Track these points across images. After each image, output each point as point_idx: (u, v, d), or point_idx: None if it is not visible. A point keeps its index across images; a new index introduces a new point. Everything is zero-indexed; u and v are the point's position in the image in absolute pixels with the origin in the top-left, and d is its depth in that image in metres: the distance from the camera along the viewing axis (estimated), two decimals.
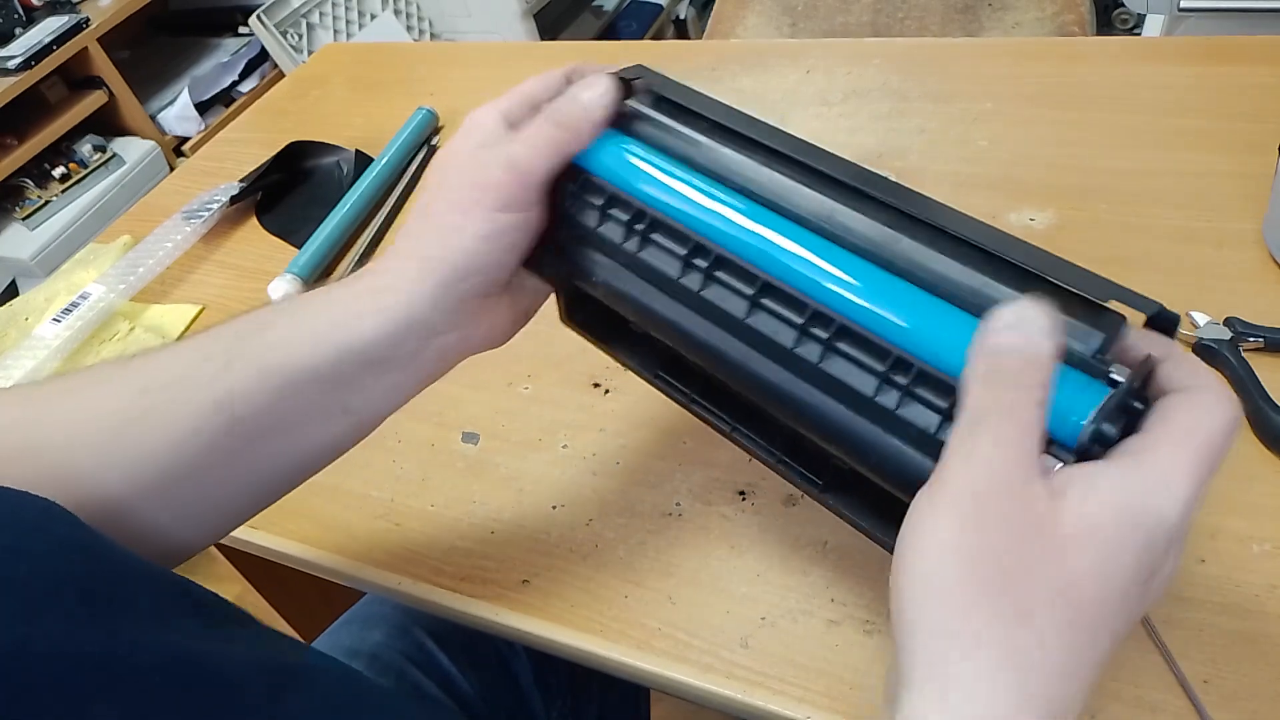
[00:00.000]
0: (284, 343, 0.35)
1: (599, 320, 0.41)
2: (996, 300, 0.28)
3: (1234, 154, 0.60)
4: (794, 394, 0.32)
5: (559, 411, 0.55)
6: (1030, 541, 0.24)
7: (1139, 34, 1.46)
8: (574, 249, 0.37)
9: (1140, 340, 0.28)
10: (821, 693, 0.40)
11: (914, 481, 0.28)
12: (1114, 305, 0.28)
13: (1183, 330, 0.50)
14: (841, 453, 0.32)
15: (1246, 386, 0.46)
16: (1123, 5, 1.61)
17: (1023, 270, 0.29)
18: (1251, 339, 0.48)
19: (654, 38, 2.24)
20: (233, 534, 0.52)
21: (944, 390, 0.28)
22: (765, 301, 0.32)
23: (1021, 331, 0.26)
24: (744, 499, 0.48)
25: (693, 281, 0.34)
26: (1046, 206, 0.60)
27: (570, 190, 0.37)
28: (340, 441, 0.39)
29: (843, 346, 0.30)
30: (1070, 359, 0.27)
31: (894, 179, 0.32)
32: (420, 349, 0.37)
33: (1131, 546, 0.24)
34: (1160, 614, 0.39)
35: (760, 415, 0.36)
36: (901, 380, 0.29)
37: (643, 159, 0.36)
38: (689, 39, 2.33)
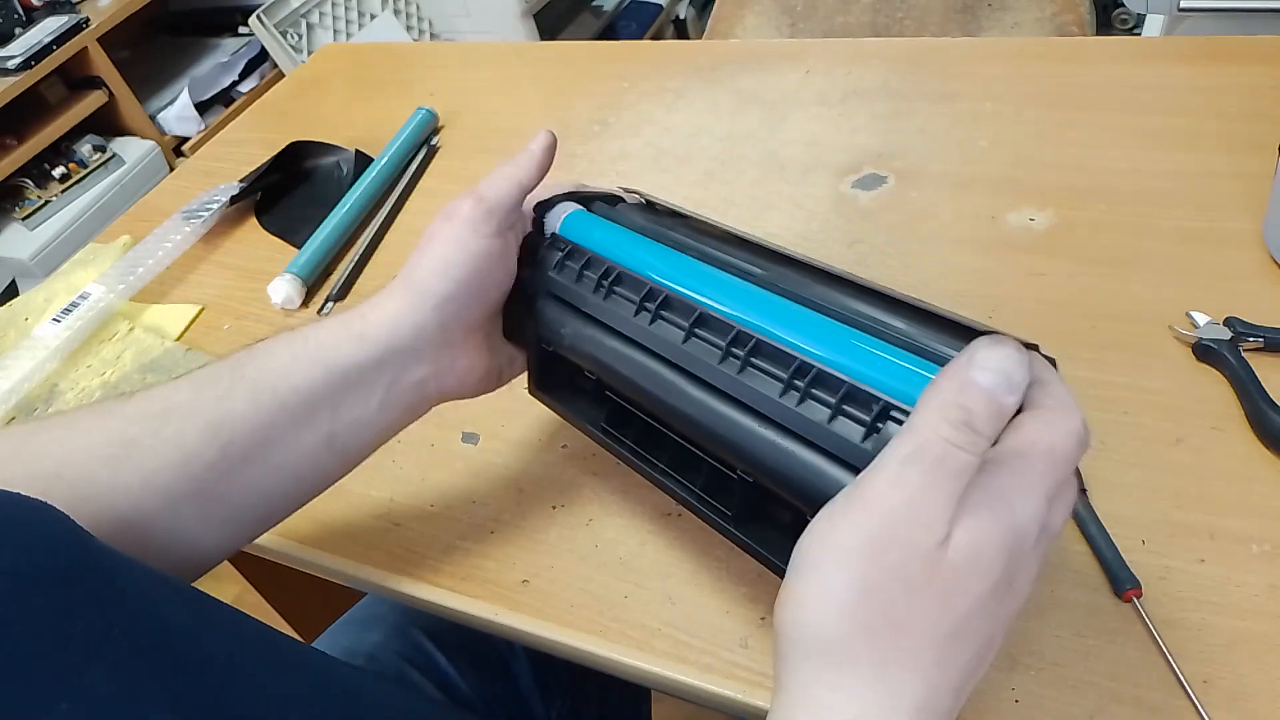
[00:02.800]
0: (276, 368, 0.38)
1: (560, 388, 0.46)
2: (902, 330, 0.32)
3: (1234, 154, 0.60)
4: (719, 413, 0.35)
5: None
6: (921, 585, 0.26)
7: (1139, 34, 1.46)
8: (545, 306, 0.43)
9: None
10: None
11: (821, 496, 0.30)
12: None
13: (1183, 330, 0.50)
14: (762, 470, 0.34)
15: (1246, 386, 0.46)
16: (1123, 5, 1.61)
17: (915, 309, 0.32)
18: (1251, 339, 0.48)
19: (654, 38, 2.24)
20: None
21: (863, 402, 0.30)
22: (699, 330, 0.36)
23: (1003, 380, 0.26)
24: None
25: (643, 320, 0.38)
26: (1046, 206, 0.60)
27: (543, 247, 0.43)
28: (324, 473, 0.41)
29: (758, 361, 0.34)
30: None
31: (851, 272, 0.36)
32: (398, 377, 0.40)
33: (1000, 561, 0.26)
34: (1160, 614, 0.39)
35: (687, 456, 0.40)
36: (828, 397, 0.31)
37: (611, 230, 0.42)
38: (689, 39, 2.33)
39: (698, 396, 0.36)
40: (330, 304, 0.68)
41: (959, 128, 0.68)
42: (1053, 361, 0.31)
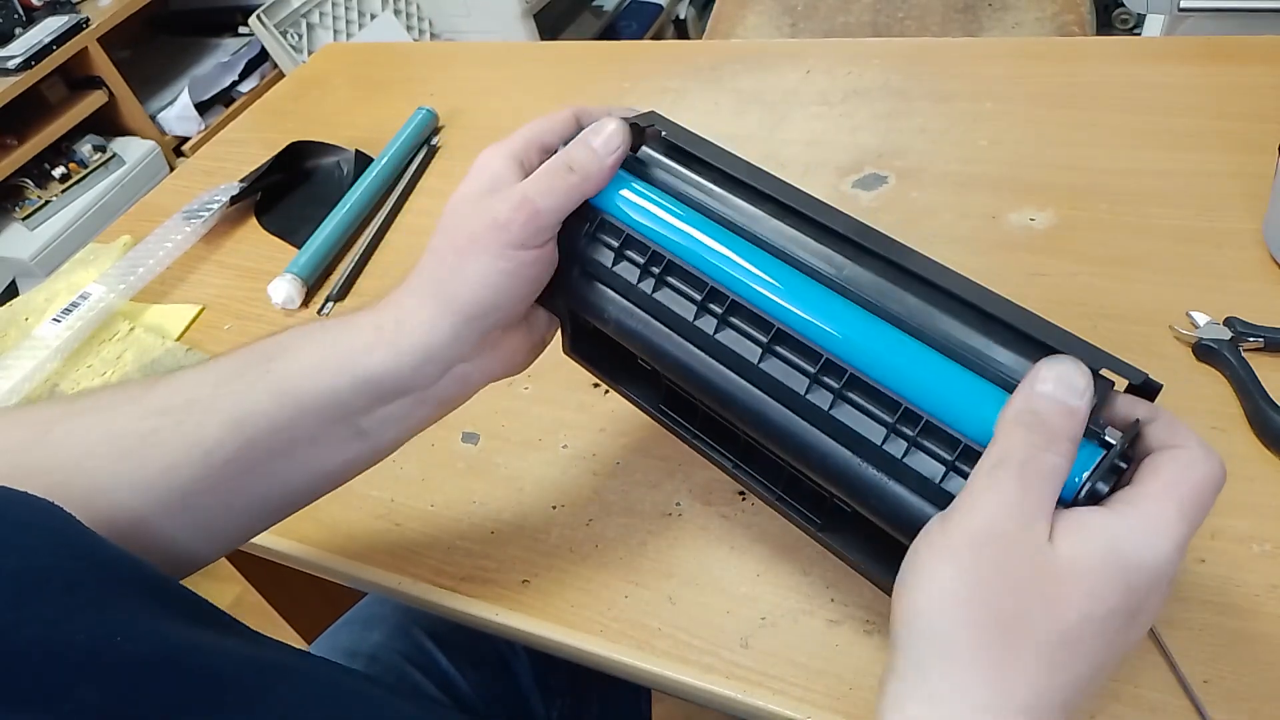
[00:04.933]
0: (303, 369, 0.37)
1: (602, 354, 0.42)
2: (1000, 363, 0.30)
3: (1234, 154, 0.60)
4: (803, 438, 0.33)
5: (559, 411, 0.55)
6: (1025, 582, 0.27)
7: (1139, 34, 1.46)
8: (586, 286, 0.38)
9: (1126, 404, 0.30)
10: (822, 693, 0.40)
11: (915, 525, 0.29)
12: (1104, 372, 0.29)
13: (1183, 330, 0.50)
14: (845, 495, 0.33)
15: (1246, 386, 0.46)
16: (1123, 5, 1.61)
17: (1021, 334, 0.30)
18: (1251, 339, 0.48)
19: (654, 38, 2.24)
20: None
21: (948, 442, 0.30)
22: (778, 349, 0.33)
23: (1065, 386, 0.28)
24: (744, 499, 0.48)
25: (707, 325, 0.35)
26: (1046, 206, 0.60)
27: (586, 230, 0.38)
28: (354, 464, 0.40)
29: (853, 396, 0.31)
30: None
31: (893, 236, 0.34)
32: (438, 380, 0.38)
33: (1115, 588, 0.27)
34: (1160, 614, 0.39)
35: (759, 453, 0.37)
36: (909, 431, 0.30)
37: (658, 204, 0.37)
38: (689, 39, 2.33)
39: (781, 416, 0.33)
40: (330, 304, 0.68)
41: (959, 127, 0.68)
42: (1157, 390, 0.31)
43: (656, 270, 0.36)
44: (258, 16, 1.88)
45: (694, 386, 0.36)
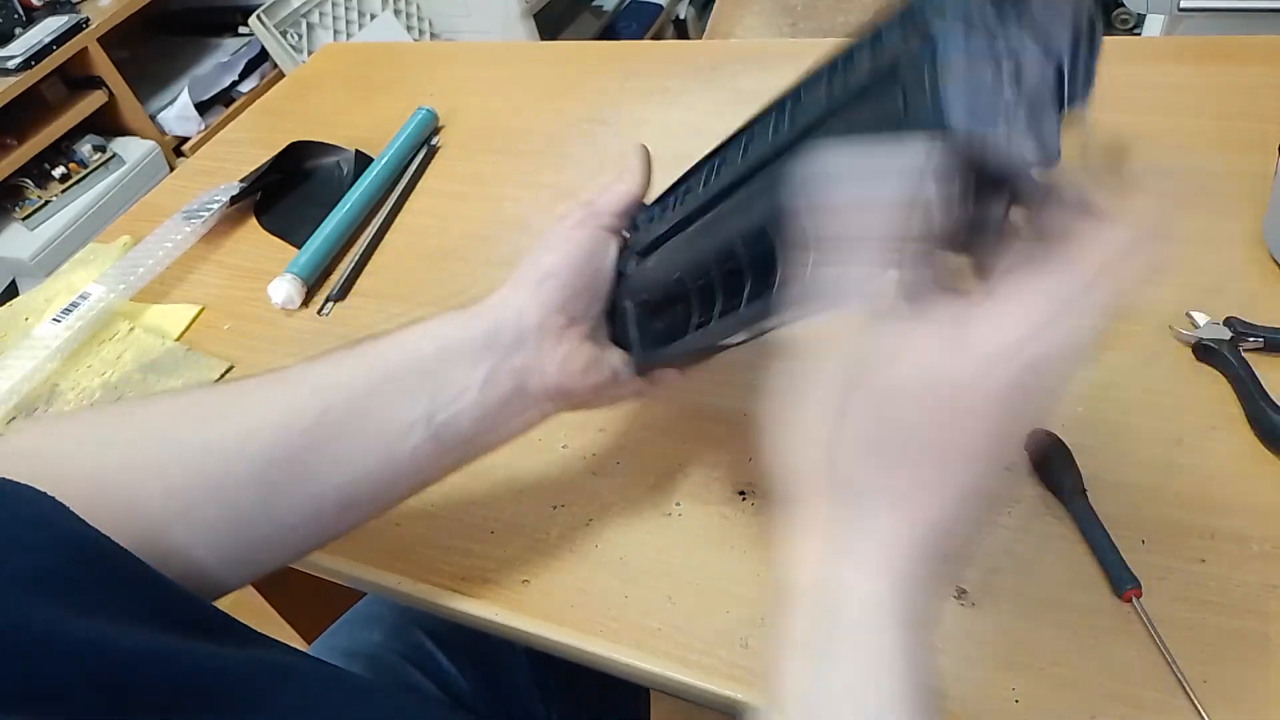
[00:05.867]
0: (386, 340, 0.40)
1: (661, 336, 0.44)
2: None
3: (1234, 154, 0.60)
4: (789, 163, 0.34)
5: None
6: (865, 411, 0.27)
7: (1139, 34, 1.46)
8: (637, 260, 0.43)
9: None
10: None
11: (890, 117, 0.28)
12: None
13: (1183, 330, 0.50)
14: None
15: (1246, 386, 0.46)
16: (1123, 5, 1.61)
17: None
18: (1251, 339, 0.48)
19: (654, 38, 2.24)
20: None
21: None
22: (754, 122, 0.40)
23: (848, 183, 0.26)
24: (744, 499, 0.48)
25: (711, 167, 0.42)
26: None
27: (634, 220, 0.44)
28: (415, 458, 0.39)
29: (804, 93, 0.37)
30: None
31: None
32: (500, 362, 0.39)
33: (961, 394, 0.26)
34: (1160, 614, 0.39)
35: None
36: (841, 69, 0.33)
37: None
38: (689, 39, 2.33)
39: (774, 177, 0.37)
40: (330, 304, 0.68)
41: None
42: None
43: (679, 190, 0.42)
44: (258, 16, 1.88)
45: (720, 218, 0.39)
